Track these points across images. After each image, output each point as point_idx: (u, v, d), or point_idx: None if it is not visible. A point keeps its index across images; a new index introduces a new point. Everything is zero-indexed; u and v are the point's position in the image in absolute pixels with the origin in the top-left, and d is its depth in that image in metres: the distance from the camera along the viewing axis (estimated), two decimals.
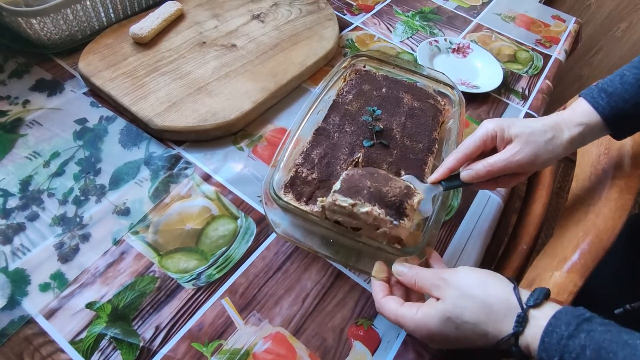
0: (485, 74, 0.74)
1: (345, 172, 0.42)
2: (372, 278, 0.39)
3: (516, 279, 0.47)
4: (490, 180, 0.41)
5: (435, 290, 0.34)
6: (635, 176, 0.43)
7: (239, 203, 0.49)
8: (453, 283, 0.34)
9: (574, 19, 0.94)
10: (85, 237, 0.43)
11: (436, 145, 0.53)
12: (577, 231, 0.42)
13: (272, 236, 0.47)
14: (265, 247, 0.46)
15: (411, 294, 0.39)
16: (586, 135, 0.40)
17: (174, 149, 0.52)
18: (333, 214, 0.40)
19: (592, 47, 1.60)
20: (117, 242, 0.43)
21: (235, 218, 0.47)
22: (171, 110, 0.53)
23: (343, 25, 0.78)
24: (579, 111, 0.41)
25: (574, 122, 0.40)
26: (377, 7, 0.85)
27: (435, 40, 0.77)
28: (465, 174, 0.41)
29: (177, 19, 0.66)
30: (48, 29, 0.56)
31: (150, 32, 0.60)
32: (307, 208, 0.43)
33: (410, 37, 0.80)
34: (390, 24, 0.82)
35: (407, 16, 0.85)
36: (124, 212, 0.45)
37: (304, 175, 0.46)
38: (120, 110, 0.54)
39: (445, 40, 0.78)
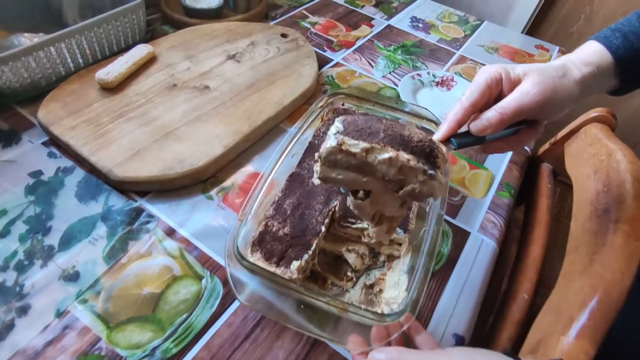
0: None
1: (341, 117, 0.32)
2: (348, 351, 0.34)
3: (518, 339, 0.42)
4: (502, 140, 0.36)
5: None
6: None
7: (205, 260, 0.44)
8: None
9: (557, 48, 0.94)
10: (24, 310, 0.37)
11: None
12: (582, 284, 0.37)
13: None
14: (232, 311, 0.41)
15: None
16: (596, 78, 0.36)
17: (136, 201, 0.48)
18: (331, 170, 0.31)
19: None
20: (60, 314, 0.38)
21: (200, 278, 0.42)
22: (134, 159, 0.49)
23: (323, 62, 0.77)
24: (589, 51, 0.36)
25: (583, 62, 0.36)
26: (358, 43, 0.84)
27: (418, 74, 0.75)
28: (476, 125, 0.34)
29: (148, 62, 0.64)
30: (7, 77, 0.53)
31: (117, 76, 0.57)
32: (278, 270, 0.38)
33: (393, 71, 0.78)
34: (371, 59, 0.80)
35: (389, 50, 0.83)
36: (73, 277, 0.40)
37: (274, 229, 0.41)
38: (79, 160, 0.50)
39: (428, 73, 0.76)
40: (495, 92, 0.35)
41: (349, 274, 0.43)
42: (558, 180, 0.70)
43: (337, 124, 0.31)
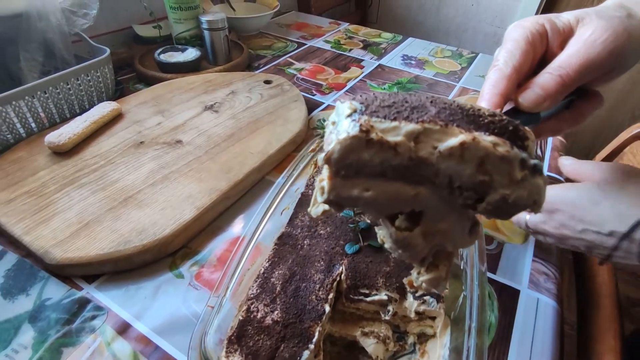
0: None
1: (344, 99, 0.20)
2: None
3: None
4: (557, 117, 0.27)
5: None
6: None
7: None
8: None
9: None
10: None
11: None
12: None
13: None
14: None
15: None
16: None
17: (81, 289, 0.37)
18: (351, 182, 0.18)
19: None
20: None
21: None
22: (80, 234, 0.39)
23: (313, 106, 0.69)
24: None
25: None
26: (350, 84, 0.78)
27: None
28: (527, 97, 0.25)
29: (113, 121, 0.56)
30: None
31: (71, 137, 0.49)
32: None
33: None
34: None
35: (384, 88, 0.77)
36: None
37: (259, 316, 0.30)
38: (12, 242, 0.40)
39: None
40: (540, 51, 0.27)
41: None
42: None
43: (351, 102, 0.18)
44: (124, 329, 0.34)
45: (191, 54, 0.73)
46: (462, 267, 0.35)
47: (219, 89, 0.65)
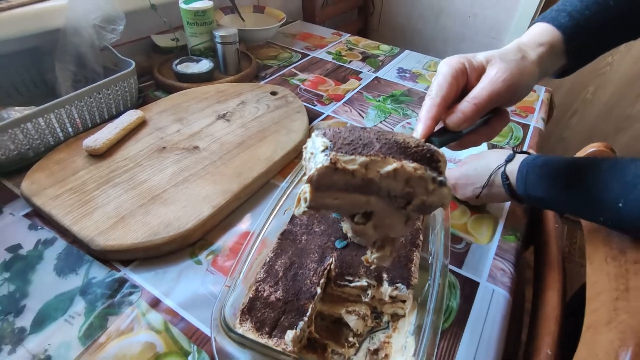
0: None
1: (318, 130, 0.29)
2: None
3: None
4: (475, 132, 0.35)
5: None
6: None
7: (192, 333, 0.40)
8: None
9: (543, 88, 0.95)
10: None
11: (421, 237, 0.46)
12: (610, 337, 0.33)
13: None
14: None
15: None
16: (550, 57, 0.36)
17: (119, 271, 0.45)
18: (325, 195, 0.26)
19: (567, 111, 1.64)
20: None
21: (186, 354, 0.38)
22: (118, 226, 0.47)
23: (314, 116, 0.77)
24: (538, 32, 0.37)
25: (537, 43, 0.36)
26: (348, 95, 0.86)
27: (408, 123, 0.75)
28: (451, 119, 0.33)
29: (138, 127, 0.64)
30: None
31: (105, 142, 0.57)
32: (270, 342, 0.34)
33: (383, 120, 0.78)
34: (361, 110, 0.81)
35: (379, 101, 0.85)
36: None
37: (265, 294, 0.38)
38: (61, 230, 0.48)
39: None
40: (462, 83, 0.35)
41: (350, 339, 0.39)
42: (565, 218, 0.68)
43: (322, 139, 0.26)
44: (155, 303, 0.43)
45: (205, 65, 0.81)
46: (430, 261, 0.43)
47: (230, 99, 0.73)
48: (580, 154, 0.58)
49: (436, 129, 0.34)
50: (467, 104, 0.33)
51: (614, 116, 1.56)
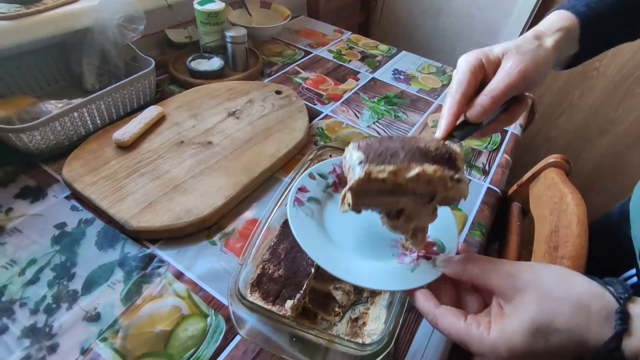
0: None
1: (353, 142, 0.34)
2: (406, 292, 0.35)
3: None
4: (496, 120, 0.38)
5: (502, 290, 0.29)
6: (581, 255, 0.46)
7: (209, 300, 0.50)
8: (529, 281, 0.28)
9: (531, 95, 1.04)
10: (53, 348, 0.43)
11: None
12: None
13: None
14: (234, 345, 0.46)
15: (464, 293, 0.35)
16: (566, 42, 0.39)
17: (149, 248, 0.55)
18: (363, 199, 0.32)
19: (555, 111, 1.73)
20: (84, 352, 0.43)
21: (205, 316, 0.48)
22: (147, 210, 0.56)
23: (314, 114, 0.86)
24: (556, 18, 0.40)
25: (554, 29, 0.39)
26: (346, 95, 0.94)
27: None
28: (472, 113, 0.36)
29: (158, 122, 0.72)
30: (36, 141, 0.61)
31: (131, 136, 0.66)
32: (274, 308, 0.44)
33: (376, 121, 0.87)
34: (357, 111, 0.89)
35: (373, 102, 0.93)
36: (94, 317, 0.46)
37: (270, 272, 0.48)
38: (99, 212, 0.57)
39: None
40: (479, 78, 0.37)
41: (336, 309, 0.50)
42: (531, 217, 0.78)
43: (357, 153, 0.31)
44: (179, 275, 0.52)
45: (216, 63, 0.88)
46: None
47: (239, 97, 0.81)
48: (542, 163, 0.68)
49: (458, 122, 0.37)
50: (484, 97, 0.35)
51: (598, 119, 1.65)
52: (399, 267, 0.39)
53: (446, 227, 0.42)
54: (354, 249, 0.41)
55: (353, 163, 0.32)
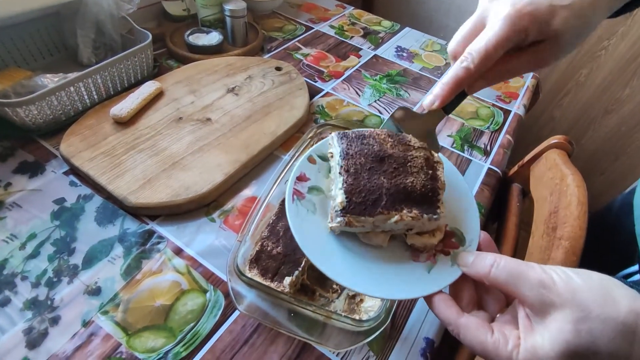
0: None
1: (342, 168, 0.34)
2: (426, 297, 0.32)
3: None
4: (520, 58, 0.33)
5: (532, 302, 0.25)
6: (580, 237, 0.46)
7: (209, 276, 0.51)
8: (564, 295, 0.24)
9: (531, 74, 1.02)
10: (55, 321, 0.44)
11: None
12: None
13: None
14: (233, 320, 0.47)
15: (483, 291, 0.32)
16: None
17: (148, 224, 0.55)
18: (344, 229, 0.34)
19: (560, 91, 1.70)
20: (86, 324, 0.44)
21: (205, 291, 0.49)
22: (146, 187, 0.56)
23: (314, 92, 0.84)
24: None
25: None
26: (347, 73, 0.92)
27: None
28: (433, 94, 0.33)
29: (156, 97, 0.71)
30: (33, 115, 0.60)
31: (129, 112, 0.65)
32: (272, 284, 0.45)
33: (378, 99, 0.85)
34: (358, 89, 0.88)
35: (375, 80, 0.91)
36: (95, 291, 0.47)
37: (269, 249, 0.48)
38: (97, 188, 0.57)
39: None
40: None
41: (334, 286, 0.50)
42: (531, 198, 0.78)
43: (338, 196, 0.33)
44: (178, 251, 0.53)
45: (215, 37, 0.86)
46: None
47: (238, 73, 0.80)
48: (545, 144, 0.67)
49: None
50: (459, 68, 0.32)
51: (604, 99, 1.62)
52: (414, 268, 0.34)
53: (466, 212, 0.38)
54: (362, 245, 0.36)
55: (337, 202, 0.33)
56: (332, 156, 0.38)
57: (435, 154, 0.37)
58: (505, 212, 0.71)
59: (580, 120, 1.73)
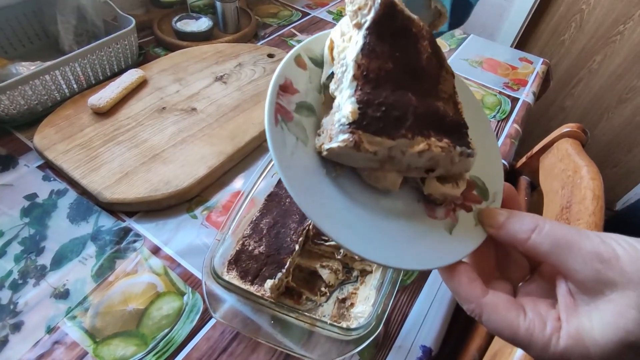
0: None
1: (359, 69, 0.23)
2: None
3: (487, 350, 0.44)
4: None
5: (582, 278, 0.20)
6: None
7: (187, 277, 0.47)
8: (629, 273, 0.19)
9: (541, 60, 0.96)
10: (17, 327, 0.40)
11: None
12: None
13: None
14: (211, 326, 0.43)
15: (504, 259, 0.26)
16: None
17: (124, 221, 0.51)
18: (339, 159, 0.24)
19: (571, 80, 1.63)
20: (51, 330, 0.41)
21: (182, 294, 0.45)
22: (122, 181, 0.52)
23: None
24: None
25: None
26: None
27: None
28: None
29: (139, 86, 0.67)
30: (5, 105, 0.56)
31: (109, 101, 0.61)
32: (252, 288, 0.41)
33: None
34: None
35: None
36: (63, 294, 0.43)
37: (250, 248, 0.44)
38: (72, 183, 0.54)
39: None
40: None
41: (322, 289, 0.46)
42: (540, 192, 0.72)
43: (352, 105, 0.22)
44: (156, 250, 0.49)
45: (204, 23, 0.82)
46: None
47: (227, 61, 0.75)
48: (556, 133, 0.62)
49: None
50: None
51: (619, 87, 1.55)
52: (431, 226, 0.26)
53: (487, 157, 0.29)
54: (366, 190, 0.26)
55: (341, 119, 0.23)
56: (341, 50, 0.25)
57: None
58: (512, 206, 0.66)
59: (593, 110, 1.66)
